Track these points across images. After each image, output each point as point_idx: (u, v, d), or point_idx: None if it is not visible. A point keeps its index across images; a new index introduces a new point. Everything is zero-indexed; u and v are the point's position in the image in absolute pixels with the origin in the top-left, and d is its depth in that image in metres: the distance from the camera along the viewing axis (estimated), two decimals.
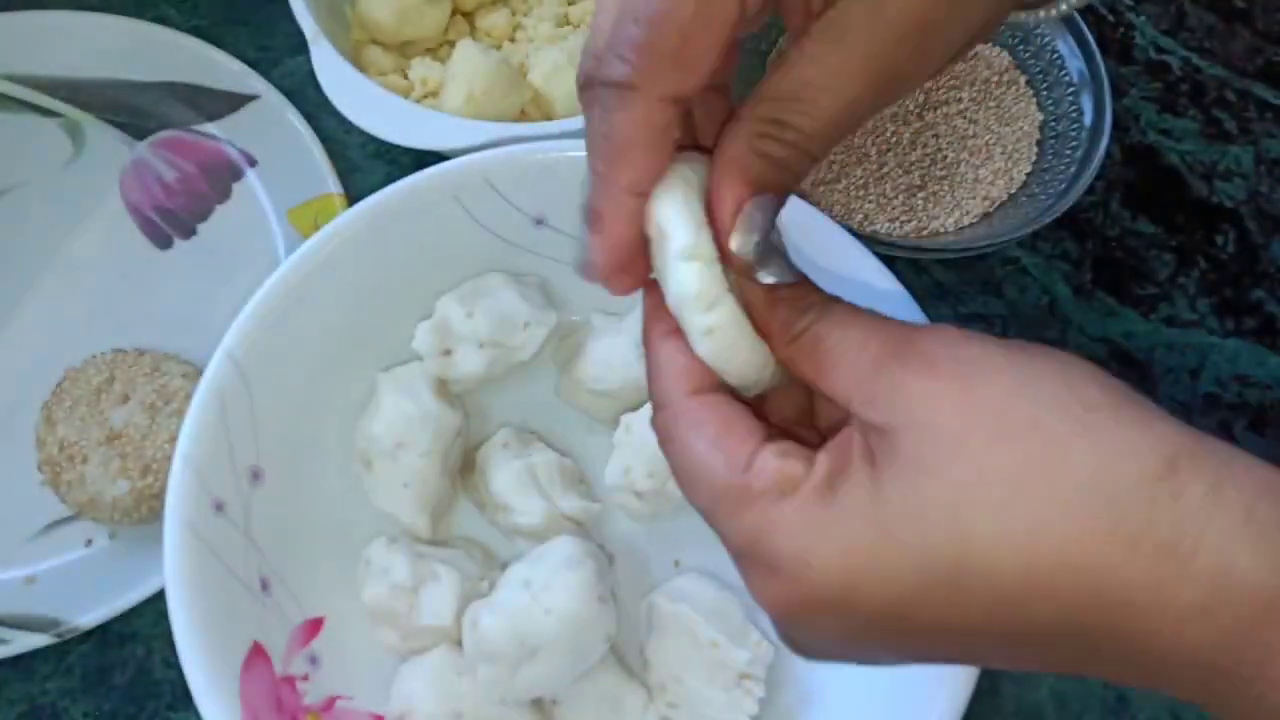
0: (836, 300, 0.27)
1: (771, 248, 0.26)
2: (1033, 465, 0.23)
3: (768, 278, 0.26)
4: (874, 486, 0.24)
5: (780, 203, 0.26)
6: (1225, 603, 0.21)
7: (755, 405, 0.28)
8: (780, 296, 0.27)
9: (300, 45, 0.50)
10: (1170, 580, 0.22)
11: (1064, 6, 0.33)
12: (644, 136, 0.26)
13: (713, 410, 0.26)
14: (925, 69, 0.27)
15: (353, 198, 0.50)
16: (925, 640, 0.25)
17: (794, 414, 0.29)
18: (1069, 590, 0.22)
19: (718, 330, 0.26)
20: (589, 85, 0.26)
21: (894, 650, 0.26)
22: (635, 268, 0.28)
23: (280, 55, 0.56)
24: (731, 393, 0.28)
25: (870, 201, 0.52)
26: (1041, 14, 0.34)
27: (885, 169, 0.53)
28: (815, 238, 0.41)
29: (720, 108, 0.30)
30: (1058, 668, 0.25)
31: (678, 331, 0.27)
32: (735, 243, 0.26)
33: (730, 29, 0.26)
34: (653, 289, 0.28)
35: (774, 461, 0.25)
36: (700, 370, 0.27)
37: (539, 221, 0.45)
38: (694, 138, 0.30)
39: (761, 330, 0.27)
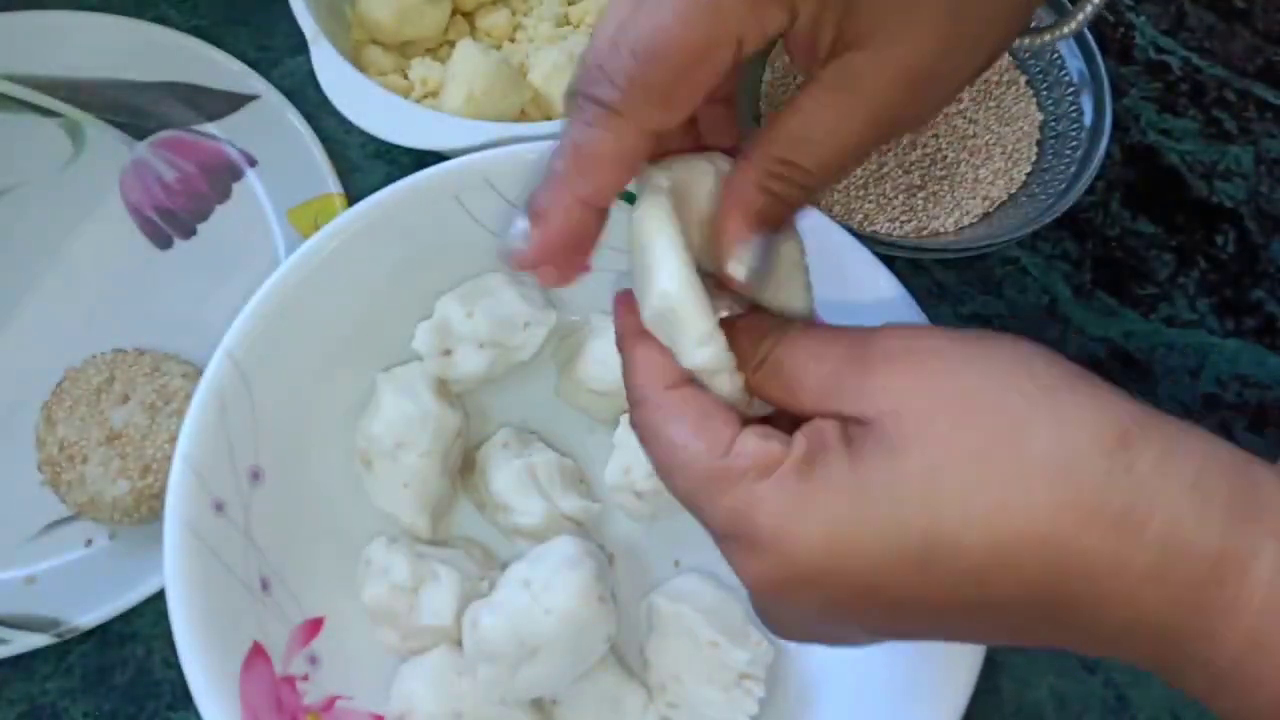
0: (790, 323, 0.29)
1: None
2: (996, 444, 0.24)
3: (723, 310, 0.28)
4: (851, 467, 0.25)
5: (776, 235, 0.28)
6: (1174, 565, 0.23)
7: None
8: (737, 327, 0.28)
9: (300, 45, 0.50)
10: (1126, 547, 0.23)
11: (1069, 28, 0.35)
12: (614, 158, 0.27)
13: (691, 401, 0.28)
14: (926, 112, 0.29)
15: (353, 198, 0.50)
16: (898, 614, 0.25)
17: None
18: (1031, 562, 0.23)
19: (713, 337, 0.27)
20: (575, 95, 0.27)
21: (868, 627, 0.26)
22: (565, 264, 0.29)
23: (280, 55, 0.56)
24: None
25: (870, 201, 0.52)
26: (1048, 37, 0.35)
27: (885, 169, 0.53)
28: (815, 238, 0.41)
29: (725, 116, 0.31)
30: (1024, 639, 0.26)
31: (647, 334, 0.29)
32: (739, 272, 0.28)
33: (722, 76, 0.27)
34: (624, 298, 0.29)
35: (754, 443, 0.26)
36: (676, 367, 0.28)
37: None
38: (698, 142, 0.31)
39: None
